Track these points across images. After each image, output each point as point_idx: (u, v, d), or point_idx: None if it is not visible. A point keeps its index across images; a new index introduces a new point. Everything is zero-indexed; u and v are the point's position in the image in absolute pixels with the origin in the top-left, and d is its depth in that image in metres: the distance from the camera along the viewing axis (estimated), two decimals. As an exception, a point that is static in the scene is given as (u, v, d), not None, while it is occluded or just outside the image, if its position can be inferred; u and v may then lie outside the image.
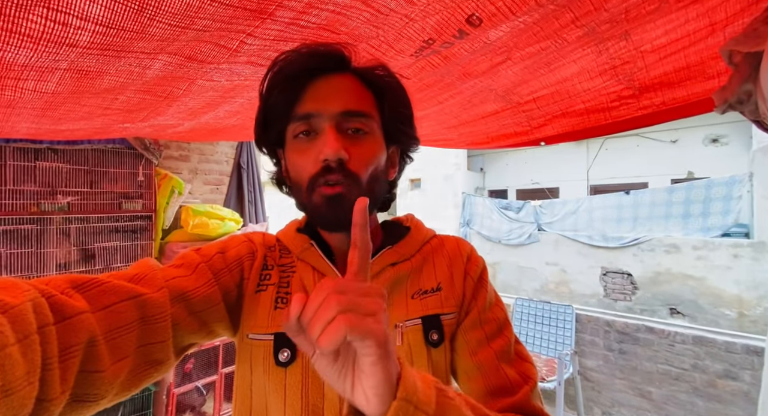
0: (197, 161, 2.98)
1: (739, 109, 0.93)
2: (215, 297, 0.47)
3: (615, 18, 0.82)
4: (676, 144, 6.47)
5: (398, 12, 0.59)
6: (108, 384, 0.34)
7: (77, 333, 0.31)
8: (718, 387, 2.49)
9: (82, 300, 0.34)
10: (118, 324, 0.36)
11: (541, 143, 1.46)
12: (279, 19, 0.55)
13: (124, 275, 0.41)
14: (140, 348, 0.38)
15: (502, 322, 0.54)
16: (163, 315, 0.40)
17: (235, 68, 0.70)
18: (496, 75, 1.02)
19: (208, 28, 0.53)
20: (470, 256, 0.58)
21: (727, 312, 4.42)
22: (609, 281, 5.38)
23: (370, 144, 0.50)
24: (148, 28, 0.50)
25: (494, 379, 0.49)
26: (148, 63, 0.62)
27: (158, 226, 2.44)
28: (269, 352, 0.48)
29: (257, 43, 0.60)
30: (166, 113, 0.97)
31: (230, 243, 0.54)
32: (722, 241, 4.52)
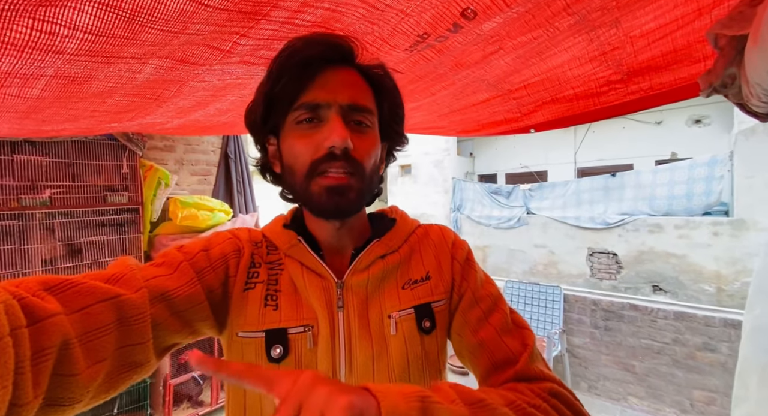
0: (183, 151, 2.91)
1: (723, 93, 0.94)
2: (198, 296, 0.46)
3: (606, 5, 0.82)
4: (661, 125, 6.57)
5: (394, 8, 0.58)
6: (83, 388, 0.33)
7: (50, 336, 0.30)
8: (697, 359, 2.63)
9: (55, 302, 0.33)
10: (94, 327, 0.35)
11: (530, 130, 1.46)
12: (274, 19, 0.53)
13: (101, 275, 0.40)
14: (118, 350, 0.37)
15: (495, 297, 0.55)
16: (142, 316, 0.39)
17: (228, 68, 0.68)
18: (488, 65, 1.01)
19: (201, 31, 0.51)
20: (455, 242, 0.59)
21: (707, 287, 4.61)
22: (595, 261, 5.53)
23: (372, 138, 0.51)
24: (140, 34, 0.48)
25: (498, 354, 0.50)
26: (139, 67, 0.60)
27: (146, 219, 2.40)
28: (261, 350, 0.48)
29: (251, 43, 0.59)
30: (155, 113, 0.94)
31: (214, 241, 0.53)
32: (703, 220, 4.67)
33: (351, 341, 0.49)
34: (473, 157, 8.91)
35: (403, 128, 0.58)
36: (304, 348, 0.48)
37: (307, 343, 0.48)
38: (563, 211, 5.82)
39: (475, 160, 8.91)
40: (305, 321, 0.49)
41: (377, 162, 0.52)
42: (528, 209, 6.22)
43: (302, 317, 0.49)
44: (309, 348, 0.48)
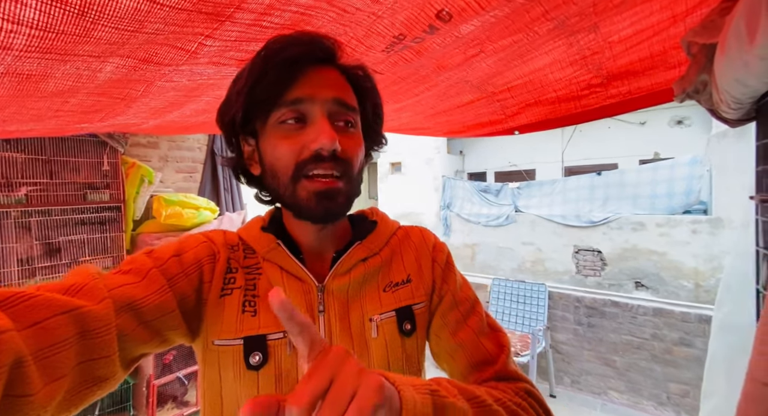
0: (167, 148, 2.86)
1: (695, 98, 0.97)
2: (169, 304, 0.44)
3: (584, 11, 0.83)
4: (645, 126, 6.71)
5: (364, 10, 0.58)
6: (39, 408, 0.31)
7: (0, 355, 0.28)
8: (674, 353, 2.71)
9: (4, 317, 0.30)
10: (50, 342, 0.32)
11: (515, 132, 1.48)
12: (239, 21, 0.53)
13: (58, 287, 0.37)
14: (80, 366, 0.35)
15: (473, 300, 0.57)
16: (107, 328, 0.37)
17: (197, 69, 0.67)
18: (470, 67, 1.02)
19: (161, 31, 0.50)
20: (435, 245, 0.60)
21: (686, 283, 4.75)
22: (581, 258, 5.64)
23: (358, 137, 0.50)
24: (93, 31, 0.47)
25: (476, 354, 0.52)
26: (98, 66, 0.59)
27: (128, 217, 2.35)
28: (239, 357, 0.47)
29: (217, 44, 0.58)
30: (126, 113, 0.92)
31: (187, 245, 0.51)
32: (683, 218, 4.81)
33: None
34: (463, 155, 8.96)
35: (382, 128, 0.58)
36: (284, 354, 0.47)
37: (287, 349, 0.47)
38: (550, 209, 5.91)
39: (464, 158, 8.96)
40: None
41: (362, 162, 0.52)
42: (516, 207, 6.30)
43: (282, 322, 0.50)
44: (288, 353, 0.47)
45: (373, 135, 0.56)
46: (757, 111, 0.86)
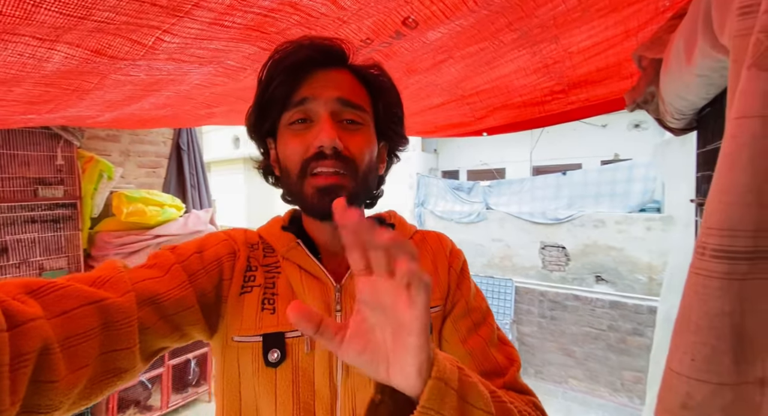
0: (129, 142, 2.72)
1: (644, 108, 1.05)
2: (189, 299, 0.45)
3: (545, 23, 0.87)
4: (606, 128, 7.08)
5: (329, 16, 0.58)
6: (62, 395, 0.32)
7: (29, 341, 0.30)
8: (627, 343, 2.91)
9: (36, 305, 0.32)
10: (76, 331, 0.34)
11: (483, 133, 1.53)
12: (198, 19, 0.51)
13: (86, 278, 0.39)
14: (102, 356, 0.36)
15: (485, 311, 0.57)
16: (129, 321, 0.38)
17: (155, 64, 0.64)
18: (439, 71, 1.04)
19: (112, 20, 0.48)
20: (452, 250, 0.60)
21: (641, 277, 5.09)
22: (547, 254, 5.90)
23: (364, 136, 0.50)
24: (35, 14, 0.44)
25: (486, 364, 0.51)
26: (45, 54, 0.55)
27: (85, 215, 2.22)
28: (258, 354, 0.47)
29: (177, 40, 0.56)
30: (78, 105, 0.87)
31: (208, 242, 0.52)
32: (639, 216, 5.14)
33: None
34: (437, 153, 9.09)
35: (403, 128, 0.57)
36: (301, 352, 0.48)
37: (305, 347, 0.48)
38: (519, 207, 6.13)
39: (439, 156, 9.10)
40: None
41: (373, 161, 0.51)
42: (487, 205, 6.48)
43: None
44: (306, 352, 0.48)
45: (391, 134, 0.56)
46: (697, 122, 0.94)
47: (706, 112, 0.86)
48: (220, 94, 0.97)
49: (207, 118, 1.27)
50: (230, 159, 8.17)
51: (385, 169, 0.59)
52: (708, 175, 0.87)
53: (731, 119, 0.26)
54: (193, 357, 2.79)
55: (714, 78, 0.61)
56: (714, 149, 0.84)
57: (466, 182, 6.92)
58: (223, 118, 1.31)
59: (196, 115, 1.17)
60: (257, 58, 0.73)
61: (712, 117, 0.84)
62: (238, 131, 8.10)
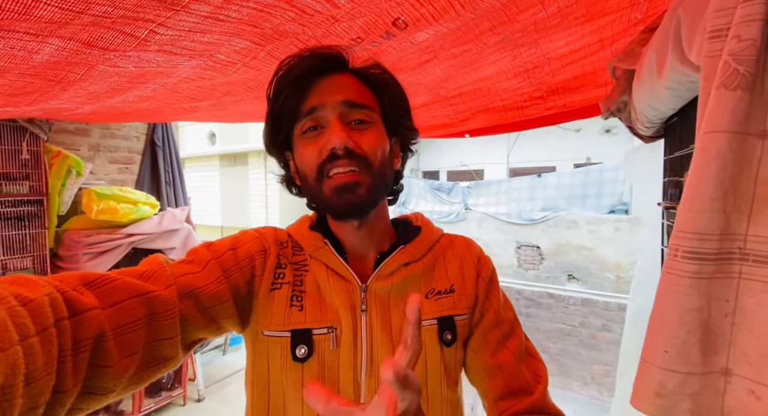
0: (99, 136, 2.59)
1: (617, 116, 1.10)
2: (224, 294, 0.47)
3: (526, 28, 0.91)
4: (579, 132, 7.36)
5: (323, 13, 0.58)
6: (116, 379, 0.35)
7: (88, 328, 0.33)
8: (598, 338, 3.05)
9: (92, 296, 0.35)
10: (126, 321, 0.36)
11: (465, 135, 1.56)
12: (194, 12, 0.51)
13: (134, 272, 0.42)
14: (148, 345, 0.38)
15: (513, 321, 0.57)
16: (172, 313, 0.41)
17: (145, 56, 0.63)
18: (424, 71, 1.06)
19: (109, 14, 0.47)
20: (480, 257, 0.59)
21: (609, 275, 5.33)
22: (522, 253, 6.08)
23: (375, 133, 0.51)
24: (33, 9, 0.43)
25: (515, 381, 0.52)
26: (36, 47, 0.53)
27: (52, 212, 2.11)
28: (286, 349, 0.49)
29: (170, 33, 0.55)
30: (60, 97, 0.83)
31: (241, 240, 0.54)
32: (608, 217, 5.38)
33: (373, 344, 0.50)
34: (418, 154, 9.17)
35: (412, 121, 0.58)
36: (327, 349, 0.49)
37: (331, 344, 0.49)
38: (496, 208, 6.28)
39: (419, 156, 9.18)
40: (329, 322, 0.50)
41: (386, 156, 0.52)
42: (466, 205, 6.61)
43: (326, 318, 0.51)
44: (332, 349, 0.49)
45: (401, 128, 0.57)
46: (665, 130, 1.00)
47: (673, 121, 0.92)
48: (207, 88, 0.95)
49: (190, 112, 1.24)
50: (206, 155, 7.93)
51: (401, 164, 0.60)
52: (675, 180, 0.93)
53: (701, 133, 0.28)
54: (168, 359, 2.70)
55: (681, 91, 0.66)
56: (680, 156, 0.90)
57: (446, 183, 7.03)
58: (207, 113, 1.28)
59: (179, 109, 1.14)
60: (248, 53, 0.72)
61: (678, 126, 0.90)
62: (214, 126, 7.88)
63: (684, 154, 0.88)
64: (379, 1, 0.58)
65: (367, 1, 0.57)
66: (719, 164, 0.27)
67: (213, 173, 7.95)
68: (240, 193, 7.48)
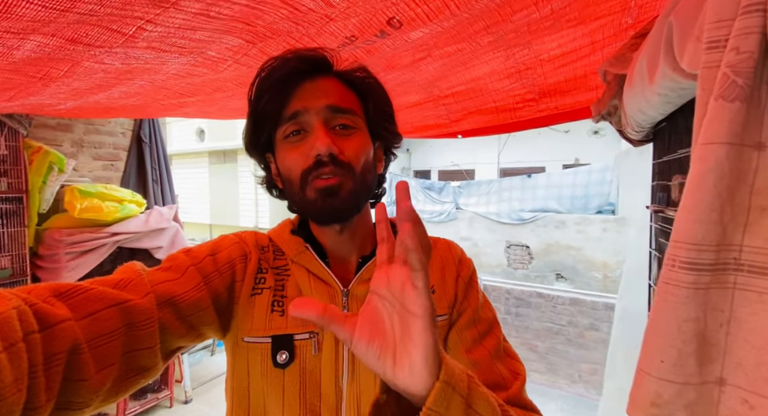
0: (83, 132, 2.52)
1: (608, 120, 1.12)
2: (204, 301, 0.46)
3: (519, 29, 0.91)
4: (568, 133, 7.46)
5: (317, 12, 0.57)
6: (93, 393, 0.34)
7: (61, 342, 0.31)
8: (585, 337, 3.10)
9: (64, 308, 0.34)
10: (102, 332, 0.35)
11: (458, 136, 1.56)
12: (184, 9, 0.49)
13: (109, 281, 0.40)
14: (126, 355, 0.37)
15: (491, 321, 0.57)
16: (150, 322, 0.40)
17: (133, 52, 0.60)
18: (417, 69, 1.06)
19: (95, 12, 0.45)
20: (461, 259, 0.60)
21: (596, 274, 5.43)
22: (512, 253, 6.15)
23: (358, 138, 0.51)
24: (15, 7, 0.41)
25: (489, 376, 0.51)
26: (16, 43, 0.50)
27: (32, 210, 2.04)
28: (267, 355, 0.49)
29: (159, 30, 0.53)
30: (41, 93, 0.80)
31: (221, 245, 0.53)
32: (596, 217, 5.47)
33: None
34: (410, 153, 9.18)
35: (395, 126, 0.58)
36: (309, 354, 0.49)
37: (312, 349, 0.49)
38: (487, 207, 6.33)
39: (411, 156, 9.19)
40: (311, 327, 0.50)
41: (369, 161, 0.52)
42: (457, 205, 6.64)
43: (308, 324, 0.50)
44: (314, 354, 0.49)
45: (384, 132, 0.56)
46: (654, 134, 1.02)
47: (662, 126, 0.93)
48: (197, 84, 0.93)
49: (178, 108, 1.21)
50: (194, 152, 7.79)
51: (384, 167, 0.60)
52: (663, 184, 0.95)
53: (700, 144, 0.28)
54: (154, 361, 2.65)
55: (672, 97, 0.67)
56: (668, 161, 0.91)
57: (438, 182, 7.06)
58: (196, 109, 1.26)
59: (167, 105, 1.11)
60: (240, 51, 0.70)
61: (667, 131, 0.92)
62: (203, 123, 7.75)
63: (672, 158, 0.89)
64: (375, 1, 0.57)
65: (362, 1, 0.56)
66: (717, 175, 0.27)
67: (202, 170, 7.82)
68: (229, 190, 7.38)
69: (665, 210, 0.87)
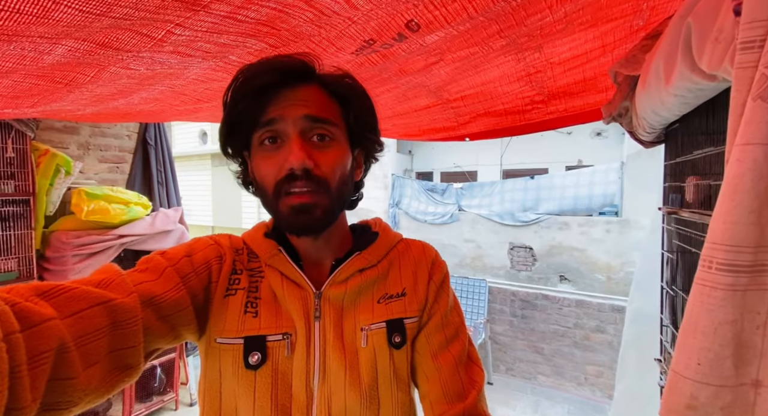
0: (89, 134, 2.53)
1: (619, 121, 1.11)
2: (184, 301, 0.46)
3: (532, 32, 0.91)
4: (571, 135, 7.45)
5: (341, 14, 0.57)
6: (81, 391, 0.34)
7: (46, 340, 0.31)
8: (591, 339, 3.09)
9: (48, 307, 0.33)
10: (88, 330, 0.35)
11: (466, 139, 1.56)
12: (214, 12, 0.49)
13: (91, 281, 0.40)
14: (111, 354, 0.38)
15: (458, 326, 0.58)
16: (134, 320, 0.40)
17: (158, 57, 0.61)
18: (429, 73, 1.06)
19: (129, 16, 0.45)
20: (434, 261, 0.60)
21: (600, 276, 5.40)
22: (515, 254, 6.12)
23: (336, 150, 0.50)
24: (53, 12, 0.41)
25: (451, 384, 0.53)
26: (48, 48, 0.51)
27: (39, 213, 2.05)
28: (239, 356, 0.48)
29: (187, 33, 0.54)
30: (64, 99, 0.80)
31: (196, 246, 0.53)
32: (599, 219, 5.45)
33: (326, 351, 0.50)
34: (412, 155, 9.18)
35: (377, 134, 0.58)
36: (282, 356, 0.49)
37: (285, 351, 0.49)
38: (489, 209, 6.32)
39: (413, 157, 9.19)
40: (284, 329, 0.50)
41: (346, 173, 0.52)
42: (459, 206, 6.63)
43: (281, 325, 0.50)
44: (286, 355, 0.49)
45: (365, 141, 0.56)
46: (666, 136, 1.02)
47: (675, 127, 0.93)
48: (215, 90, 0.93)
49: (193, 113, 1.21)
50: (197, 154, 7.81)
51: (364, 172, 0.60)
52: (676, 185, 0.94)
53: (737, 145, 0.28)
54: (159, 363, 2.65)
55: (689, 98, 0.67)
56: (681, 162, 0.91)
57: (440, 184, 7.05)
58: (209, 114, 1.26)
59: (182, 110, 1.12)
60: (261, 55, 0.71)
61: (680, 132, 0.91)
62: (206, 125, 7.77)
63: (685, 159, 0.89)
64: (396, 3, 0.58)
65: (385, 3, 0.56)
66: (755, 176, 0.27)
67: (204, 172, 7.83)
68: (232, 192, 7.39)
69: (679, 212, 0.87)
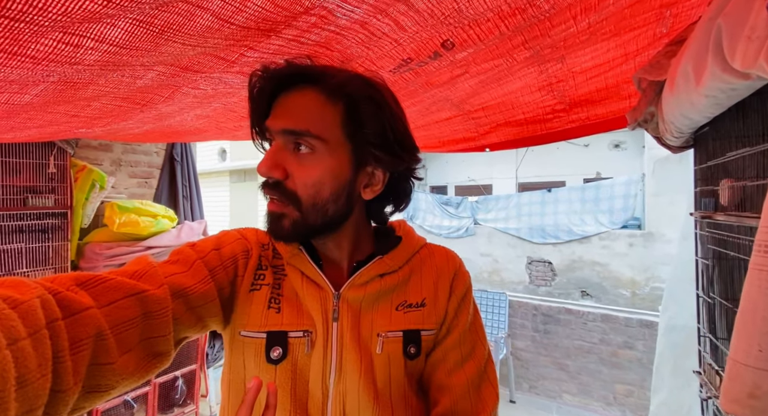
0: (121, 151, 2.66)
1: (644, 127, 1.11)
2: (211, 293, 0.48)
3: (556, 44, 0.93)
4: (588, 147, 7.37)
5: (390, 36, 0.61)
6: (118, 375, 0.36)
7: (85, 328, 0.33)
8: (619, 356, 2.96)
9: (87, 296, 0.35)
10: (123, 319, 0.37)
11: (486, 149, 1.58)
12: (284, 36, 0.54)
13: (125, 272, 0.42)
14: (143, 342, 0.39)
15: (476, 343, 0.57)
16: (165, 311, 0.41)
17: (225, 77, 0.66)
18: (453, 86, 1.09)
19: (218, 45, 0.50)
20: (457, 272, 0.59)
21: (624, 292, 5.21)
22: (533, 269, 5.99)
23: (314, 163, 0.47)
24: (161, 46, 0.46)
25: (460, 405, 0.53)
26: (142, 74, 0.57)
27: (75, 225, 2.14)
28: (261, 350, 0.50)
29: (255, 55, 0.58)
30: (132, 118, 0.86)
31: (224, 240, 0.54)
32: (621, 232, 5.31)
33: (342, 352, 0.51)
34: (426, 169, 9.22)
35: (397, 149, 0.50)
36: (302, 352, 0.50)
37: (305, 348, 0.50)
38: (506, 223, 6.24)
39: (427, 171, 9.22)
40: (305, 326, 0.51)
41: (325, 189, 0.48)
42: (475, 220, 6.57)
43: (302, 322, 0.51)
44: (306, 352, 0.50)
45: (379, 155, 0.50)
46: (695, 140, 1.01)
47: (704, 130, 0.93)
48: None
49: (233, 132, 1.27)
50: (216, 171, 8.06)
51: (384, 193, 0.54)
52: (708, 189, 0.93)
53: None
54: (181, 374, 2.67)
55: (721, 98, 0.67)
56: (713, 165, 0.90)
57: (455, 197, 7.03)
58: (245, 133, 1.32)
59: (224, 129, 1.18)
60: None
61: (710, 136, 0.91)
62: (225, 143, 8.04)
63: (716, 163, 0.88)
64: (438, 25, 0.61)
65: (429, 25, 0.60)
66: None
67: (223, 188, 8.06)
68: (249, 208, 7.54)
69: (713, 216, 0.85)
